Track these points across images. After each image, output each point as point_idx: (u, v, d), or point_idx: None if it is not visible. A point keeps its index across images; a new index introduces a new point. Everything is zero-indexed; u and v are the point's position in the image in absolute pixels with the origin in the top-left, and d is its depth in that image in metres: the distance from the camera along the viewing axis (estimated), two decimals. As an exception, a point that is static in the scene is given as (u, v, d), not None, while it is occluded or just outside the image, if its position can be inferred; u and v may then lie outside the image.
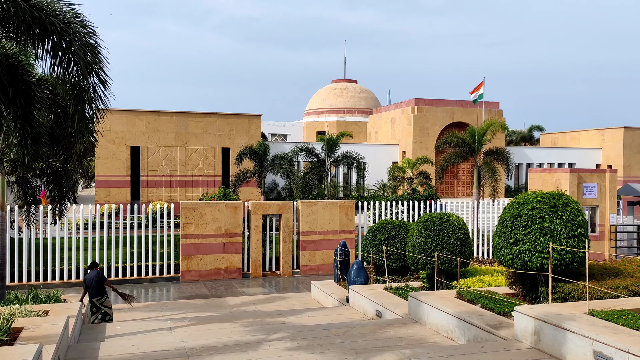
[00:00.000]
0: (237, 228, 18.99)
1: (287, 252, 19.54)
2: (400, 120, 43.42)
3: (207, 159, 37.46)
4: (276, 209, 19.57)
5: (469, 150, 25.14)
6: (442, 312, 9.42)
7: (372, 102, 57.89)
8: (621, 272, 9.76)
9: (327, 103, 57.13)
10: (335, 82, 60.20)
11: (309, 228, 19.72)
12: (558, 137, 51.93)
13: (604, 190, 21.67)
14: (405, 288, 12.43)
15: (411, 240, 12.35)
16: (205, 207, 18.81)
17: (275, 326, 10.95)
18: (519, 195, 9.74)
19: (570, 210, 9.17)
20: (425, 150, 41.10)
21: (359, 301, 12.65)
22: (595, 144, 47.41)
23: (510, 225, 9.33)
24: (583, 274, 9.38)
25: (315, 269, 19.73)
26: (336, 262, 15.81)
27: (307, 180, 27.82)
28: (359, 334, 9.53)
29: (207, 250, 18.69)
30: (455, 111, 42.22)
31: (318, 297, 15.34)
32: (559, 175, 21.61)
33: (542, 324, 7.35)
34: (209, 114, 37.66)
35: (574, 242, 8.98)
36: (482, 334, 8.32)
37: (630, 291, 8.67)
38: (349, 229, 20.03)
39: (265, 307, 14.51)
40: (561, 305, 7.95)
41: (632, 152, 45.11)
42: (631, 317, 7.02)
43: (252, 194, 37.11)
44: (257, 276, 19.22)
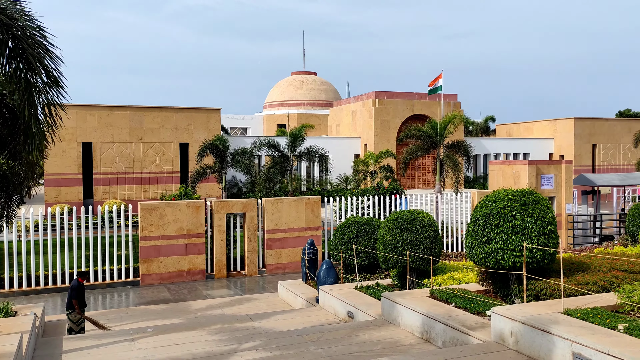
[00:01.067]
0: (200, 228, 18.48)
1: (253, 251, 19.17)
2: (361, 113, 43.44)
3: (165, 155, 36.47)
4: (240, 207, 19.14)
5: (431, 143, 25.30)
6: (416, 313, 9.33)
7: (332, 95, 57.75)
8: (588, 267, 9.91)
9: (287, 95, 56.64)
10: (294, 74, 59.71)
11: (275, 226, 19.39)
12: (513, 127, 53.16)
13: (561, 180, 22.21)
14: (376, 287, 12.31)
15: (382, 239, 12.22)
16: (166, 207, 18.20)
17: (246, 333, 10.63)
18: (489, 194, 9.72)
19: (540, 207, 9.21)
20: (386, 143, 41.26)
21: (329, 302, 12.46)
22: (547, 134, 48.77)
23: (482, 224, 9.30)
24: (553, 270, 9.47)
25: (281, 268, 19.44)
26: (304, 261, 15.56)
27: (270, 175, 27.40)
28: (333, 339, 9.33)
29: (168, 252, 18.11)
30: (416, 104, 42.53)
31: (286, 297, 15.07)
32: (518, 167, 21.99)
33: (519, 326, 7.32)
34: (165, 108, 36.62)
35: (544, 240, 9.03)
36: (458, 335, 8.25)
37: (600, 287, 8.78)
38: (315, 225, 19.81)
39: (233, 310, 14.13)
40: (536, 304, 7.95)
41: (582, 142, 46.64)
42: (606, 316, 7.06)
43: (212, 190, 36.39)
44: (222, 277, 18.78)
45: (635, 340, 6.24)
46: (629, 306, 7.49)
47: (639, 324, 6.66)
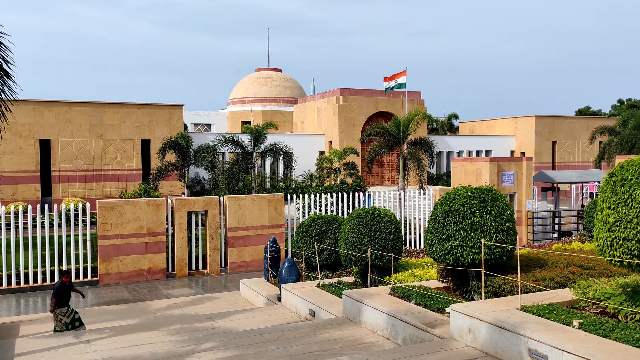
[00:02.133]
0: (160, 226, 18.07)
1: (215, 249, 18.86)
2: (326, 110, 43.40)
3: (126, 152, 35.62)
4: (202, 205, 18.80)
5: (395, 140, 25.42)
6: (377, 311, 9.29)
7: (297, 92, 57.54)
8: (545, 263, 10.05)
9: (252, 92, 56.16)
10: (259, 70, 59.24)
11: (237, 224, 19.13)
12: (475, 125, 54.06)
13: (521, 177, 22.60)
14: (338, 285, 12.25)
15: (343, 237, 12.16)
16: (125, 205, 17.71)
17: (205, 333, 10.41)
18: (449, 191, 9.75)
19: (498, 204, 9.29)
20: (351, 140, 41.35)
21: (291, 300, 12.33)
22: (509, 132, 49.78)
23: (442, 221, 9.32)
24: (511, 266, 9.57)
25: (244, 266, 19.20)
26: (266, 259, 15.39)
27: (233, 172, 27.06)
28: (293, 338, 9.21)
29: (128, 251, 17.64)
30: (380, 101, 42.74)
31: (248, 296, 14.87)
32: (480, 164, 22.28)
33: (477, 323, 7.35)
34: (126, 105, 35.77)
35: (503, 236, 9.11)
36: (418, 332, 8.24)
37: (556, 283, 8.91)
38: (278, 223, 19.63)
39: (193, 309, 13.85)
40: (494, 301, 8.00)
41: (542, 139, 47.79)
42: (562, 312, 7.15)
43: (174, 188, 35.77)
44: (183, 276, 18.42)
45: (589, 336, 6.32)
46: (584, 302, 7.61)
47: (593, 319, 6.76)
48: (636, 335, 6.20)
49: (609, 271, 9.47)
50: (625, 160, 6.67)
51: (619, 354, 5.77)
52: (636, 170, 6.33)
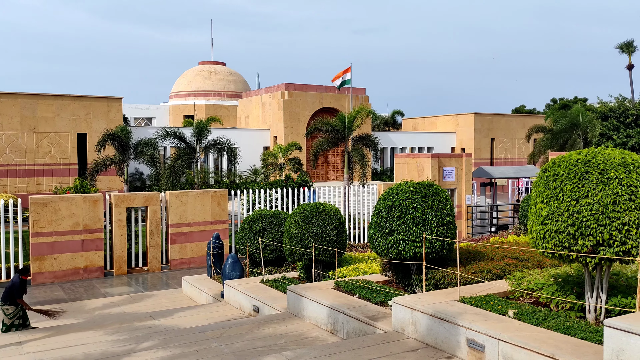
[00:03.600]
0: (98, 223, 17.40)
1: (155, 246, 18.37)
2: (271, 105, 43.12)
3: (60, 146, 34.08)
4: (142, 200, 18.25)
5: (340, 136, 25.58)
6: (321, 305, 9.31)
7: (242, 86, 56.88)
8: (483, 255, 10.38)
9: (195, 86, 55.03)
10: (202, 63, 58.11)
11: (179, 220, 18.70)
12: (418, 122, 55.26)
13: (461, 173, 23.28)
14: (283, 280, 12.20)
15: (288, 232, 12.11)
16: (60, 201, 16.94)
17: (145, 331, 10.11)
18: (392, 186, 9.89)
19: (439, 199, 9.50)
20: (296, 135, 41.29)
21: (235, 296, 12.18)
22: (450, 129, 51.19)
23: (385, 216, 9.44)
24: (451, 259, 9.82)
25: (186, 263, 18.81)
26: (209, 256, 15.14)
27: (175, 167, 26.42)
28: (236, 335, 9.09)
29: (63, 248, 16.89)
30: (325, 96, 42.89)
31: (191, 293, 14.58)
32: (422, 160, 22.77)
33: (418, 315, 7.49)
34: (61, 96, 34.19)
35: (443, 230, 9.32)
36: (361, 326, 8.32)
37: (493, 274, 9.22)
38: (222, 219, 19.34)
39: (133, 308, 13.45)
40: (435, 293, 8.19)
41: (481, 136, 49.44)
42: (498, 303, 7.40)
43: (113, 183, 34.57)
44: (122, 274, 17.84)
45: (523, 325, 6.57)
46: (519, 292, 7.91)
47: (527, 309, 7.03)
48: (566, 323, 6.49)
49: (542, 263, 9.89)
50: (557, 157, 6.96)
51: (550, 342, 6.03)
52: (567, 166, 6.61)
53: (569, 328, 6.35)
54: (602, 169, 6.39)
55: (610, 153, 6.57)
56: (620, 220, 6.20)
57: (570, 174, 6.52)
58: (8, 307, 10.91)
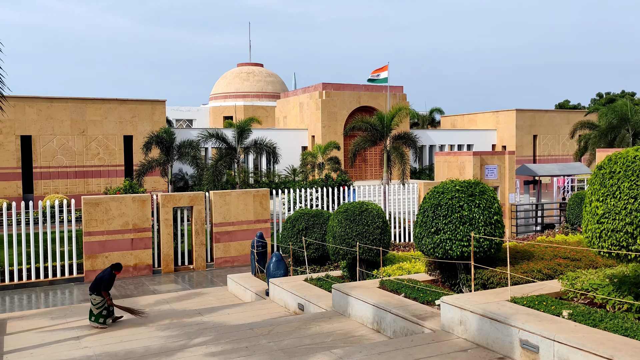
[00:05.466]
0: (146, 222, 17.91)
1: (200, 245, 18.78)
2: (308, 105, 43.35)
3: (108, 148, 35.19)
4: (187, 200, 18.69)
5: (378, 135, 25.53)
6: (367, 304, 9.35)
7: (279, 87, 57.36)
8: (532, 255, 10.21)
9: (233, 87, 55.82)
10: (240, 65, 58.89)
11: (223, 219, 19.06)
12: (457, 119, 54.50)
13: (504, 171, 22.90)
14: (326, 279, 12.30)
15: (331, 231, 12.20)
16: (110, 201, 17.52)
17: (195, 328, 10.38)
18: (437, 185, 9.84)
19: (487, 198, 9.40)
20: (334, 135, 41.38)
21: (279, 294, 12.35)
22: (490, 126, 50.30)
23: (431, 215, 9.41)
24: (499, 259, 9.71)
25: (230, 261, 19.16)
26: (253, 254, 15.37)
27: (217, 167, 26.91)
28: (284, 332, 9.23)
29: (113, 247, 17.47)
30: (362, 95, 42.83)
31: (236, 291, 14.85)
32: (463, 158, 22.51)
33: (468, 314, 7.45)
34: (108, 100, 35.30)
35: (491, 230, 9.23)
36: (409, 325, 8.33)
37: (544, 274, 9.06)
38: (264, 218, 19.60)
39: (181, 305, 13.80)
40: (484, 293, 8.12)
41: (523, 133, 48.38)
42: (551, 303, 7.28)
43: (158, 184, 35.47)
44: (169, 272, 18.31)
45: (579, 326, 6.45)
46: (572, 293, 7.76)
47: (582, 310, 6.90)
48: (624, 324, 6.35)
49: (594, 262, 9.67)
50: (613, 154, 6.80)
51: (609, 343, 5.91)
52: (624, 164, 6.46)
53: (627, 329, 6.20)
54: (661, 166, 6.22)
55: (669, 149, 6.39)
56: (680, 219, 6.03)
57: (627, 171, 6.37)
58: (95, 297, 11.22)
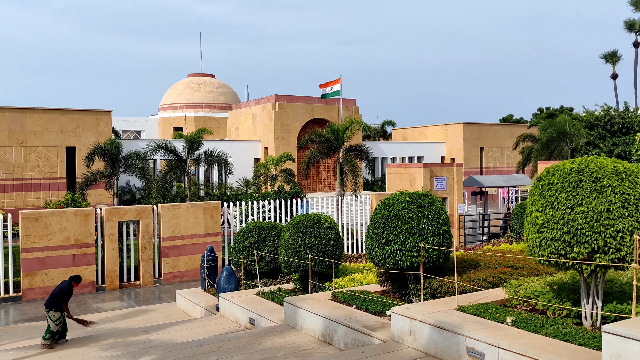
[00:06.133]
0: (89, 237, 17.27)
1: (148, 260, 18.25)
2: (261, 117, 43.19)
3: (49, 160, 33.84)
4: (134, 214, 18.16)
5: (332, 147, 25.69)
6: (318, 317, 9.30)
7: (231, 98, 56.95)
8: (479, 264, 10.45)
9: (184, 98, 55.01)
10: (191, 76, 58.15)
11: (172, 233, 18.61)
12: (408, 132, 55.59)
13: (452, 182, 23.45)
14: (278, 292, 12.18)
15: (283, 243, 12.11)
16: (51, 216, 16.81)
17: (141, 346, 10.03)
18: (388, 196, 9.95)
19: (435, 209, 9.57)
20: (287, 147, 41.35)
21: (230, 309, 12.13)
22: (440, 138, 51.55)
23: (382, 226, 9.49)
24: (447, 268, 9.88)
25: (179, 276, 18.70)
26: (203, 269, 15.07)
27: (166, 180, 26.33)
28: (234, 348, 9.05)
29: (54, 264, 16.73)
30: (315, 108, 43.06)
31: (185, 307, 14.49)
32: (414, 170, 22.92)
33: (417, 324, 7.52)
34: (50, 110, 34.02)
35: (439, 240, 9.39)
36: (360, 336, 8.33)
37: (489, 283, 9.28)
38: (215, 231, 19.28)
39: (126, 323, 13.33)
40: (433, 303, 8.23)
41: (470, 146, 49.82)
42: (496, 311, 7.45)
43: (103, 197, 34.34)
44: (114, 288, 17.69)
45: (522, 332, 6.62)
46: (516, 300, 7.97)
47: (525, 316, 7.09)
48: (564, 329, 6.56)
49: (537, 270, 9.98)
50: (551, 166, 7.06)
51: (549, 348, 6.09)
52: (561, 175, 6.72)
53: (566, 335, 6.41)
54: (596, 178, 6.50)
55: (603, 162, 6.68)
56: (614, 228, 6.30)
57: (564, 182, 6.63)
58: (54, 313, 10.79)
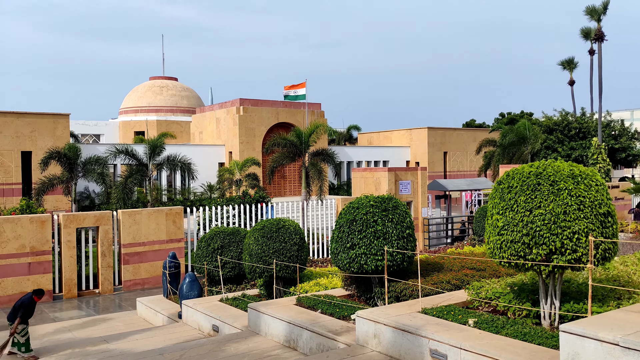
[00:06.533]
0: (46, 245, 16.71)
1: (107, 267, 17.78)
2: (225, 121, 42.79)
3: (3, 165, 32.67)
4: (93, 220, 17.67)
5: (297, 151, 25.63)
6: (283, 322, 9.22)
7: (195, 101, 56.26)
8: (442, 267, 10.57)
9: (146, 101, 54.04)
10: (153, 79, 57.19)
11: (132, 239, 18.18)
12: (373, 136, 56.04)
13: (417, 186, 23.70)
14: (243, 298, 12.03)
15: (248, 249, 11.98)
16: (4, 222, 16.19)
17: (99, 356, 9.75)
18: (353, 200, 9.96)
19: (399, 212, 9.63)
20: (252, 151, 41.07)
21: (193, 316, 11.91)
22: (404, 143, 52.15)
23: (346, 230, 9.48)
24: (412, 271, 9.94)
25: (140, 284, 18.27)
26: (165, 275, 14.77)
27: (127, 185, 25.75)
28: (197, 356, 8.88)
29: (8, 272, 16.11)
30: (281, 112, 42.93)
31: (146, 315, 14.16)
32: (379, 174, 23.07)
33: (382, 327, 7.53)
34: (4, 113, 32.88)
35: (403, 243, 9.44)
36: (325, 341, 8.29)
37: (452, 285, 9.38)
38: (177, 237, 18.93)
39: (85, 332, 12.93)
40: (397, 306, 8.26)
41: (434, 150, 50.58)
42: (458, 312, 7.53)
43: (60, 203, 33.34)
44: (72, 297, 17.15)
45: (483, 333, 6.70)
46: (478, 302, 8.08)
47: (486, 318, 7.19)
48: (523, 330, 6.68)
49: (498, 272, 10.15)
50: (511, 170, 7.19)
51: (510, 348, 6.18)
52: (520, 179, 6.84)
53: (526, 335, 6.52)
54: (553, 181, 6.64)
55: (560, 165, 6.84)
56: (570, 229, 6.45)
57: (523, 186, 6.75)
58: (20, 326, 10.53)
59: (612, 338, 4.97)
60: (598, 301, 7.14)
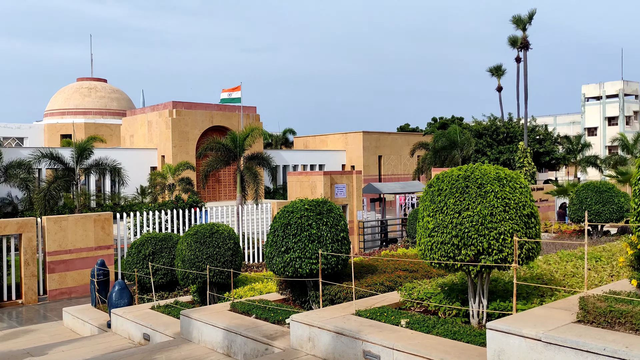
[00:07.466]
0: (-39, 254, 15.61)
1: (31, 276, 16.82)
2: (157, 124, 41.65)
3: None
4: (15, 227, 16.68)
5: (232, 155, 25.31)
6: (216, 328, 9.05)
7: (125, 104, 54.44)
8: (376, 269, 10.73)
9: (73, 103, 51.73)
10: (81, 80, 54.84)
11: (58, 247, 17.31)
12: (309, 140, 56.30)
13: (352, 190, 24.02)
14: (175, 305, 11.71)
15: (180, 255, 11.69)
16: None
17: (20, 372, 9.18)
18: (288, 204, 9.94)
19: (334, 216, 9.69)
20: (185, 155, 40.18)
21: (123, 325, 11.47)
22: (340, 147, 52.73)
23: (281, 234, 9.44)
24: (346, 274, 10.03)
25: (67, 293, 17.42)
26: (93, 284, 14.16)
27: (51, 191, 24.50)
28: (126, 367, 8.55)
29: None
30: (215, 115, 42.29)
31: (73, 325, 13.51)
32: (315, 178, 23.19)
33: (316, 330, 7.54)
34: None
35: (338, 246, 9.52)
36: (259, 346, 8.20)
37: (386, 287, 9.54)
38: (106, 244, 18.20)
39: (6, 345, 12.18)
40: (331, 309, 8.30)
41: (369, 154, 51.46)
42: (391, 314, 7.66)
43: (-20, 209, 31.25)
44: (-8, 309, 16.10)
45: (415, 333, 6.86)
46: (410, 302, 8.25)
47: (418, 318, 7.36)
48: (453, 329, 6.88)
49: (429, 273, 10.43)
50: (441, 172, 7.41)
51: (440, 347, 6.35)
52: (450, 182, 7.07)
53: (455, 333, 6.72)
54: (480, 184, 6.90)
55: (487, 169, 7.12)
56: (497, 230, 6.72)
57: (452, 188, 6.97)
58: None
59: (534, 334, 5.20)
60: (523, 299, 7.47)
